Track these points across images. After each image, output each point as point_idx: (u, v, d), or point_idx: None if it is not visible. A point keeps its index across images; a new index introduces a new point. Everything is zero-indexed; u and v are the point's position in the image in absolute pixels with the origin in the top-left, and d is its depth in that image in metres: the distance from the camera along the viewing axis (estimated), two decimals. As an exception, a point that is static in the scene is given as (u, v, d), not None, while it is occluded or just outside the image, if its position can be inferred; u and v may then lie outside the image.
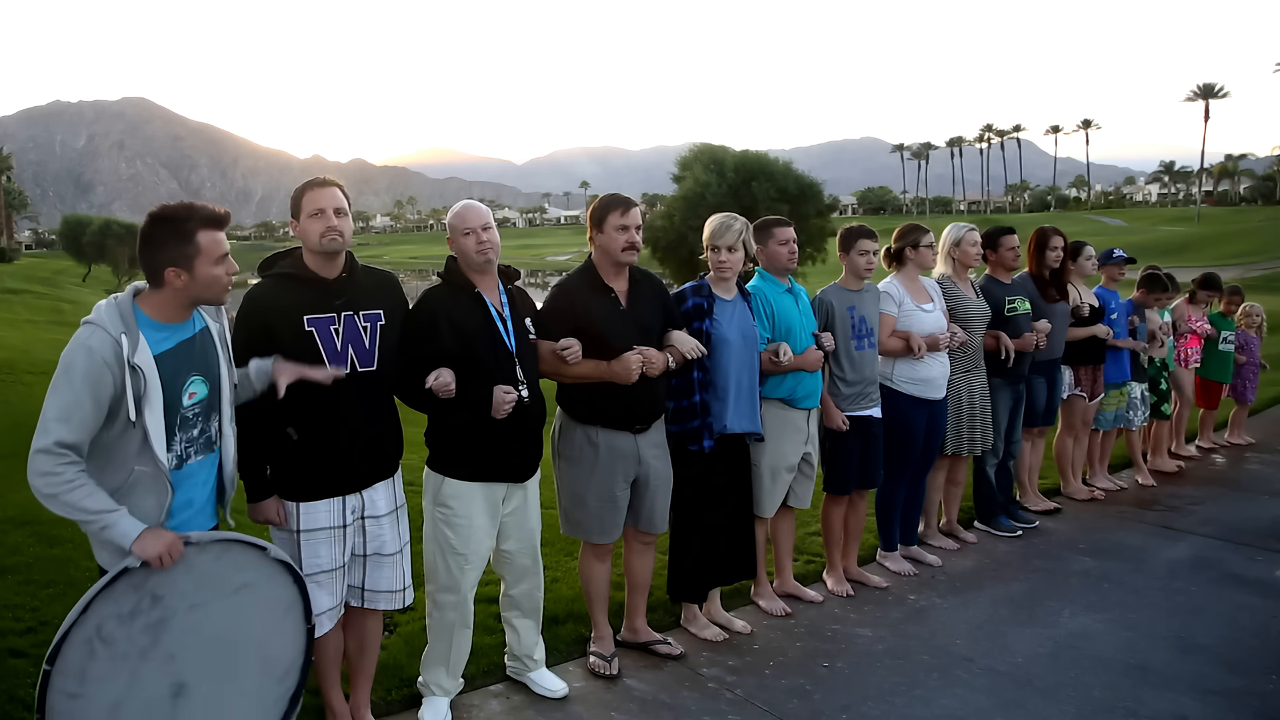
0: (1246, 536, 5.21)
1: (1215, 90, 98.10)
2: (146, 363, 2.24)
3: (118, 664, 2.22)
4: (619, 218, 3.30)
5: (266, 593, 2.48)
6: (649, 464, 3.43)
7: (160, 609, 2.28)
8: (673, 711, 3.23)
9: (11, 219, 71.34)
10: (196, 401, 2.39)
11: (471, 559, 3.07)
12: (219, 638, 2.39)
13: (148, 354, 2.26)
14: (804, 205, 27.37)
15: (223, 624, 2.39)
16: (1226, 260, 44.00)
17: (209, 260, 2.31)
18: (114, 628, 2.21)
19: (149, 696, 2.27)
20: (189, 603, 2.32)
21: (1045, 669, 3.57)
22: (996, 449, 5.16)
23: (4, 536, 5.00)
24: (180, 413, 2.35)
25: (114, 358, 2.20)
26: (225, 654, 2.41)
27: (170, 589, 2.29)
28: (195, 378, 2.39)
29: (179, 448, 2.36)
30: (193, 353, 2.40)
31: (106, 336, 2.21)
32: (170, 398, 2.30)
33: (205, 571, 2.36)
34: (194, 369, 2.39)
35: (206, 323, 2.48)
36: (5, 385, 10.84)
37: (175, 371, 2.33)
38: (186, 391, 2.36)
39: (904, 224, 4.65)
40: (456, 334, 2.96)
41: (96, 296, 18.67)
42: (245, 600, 2.44)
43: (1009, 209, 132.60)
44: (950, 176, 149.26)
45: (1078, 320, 5.61)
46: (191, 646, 2.33)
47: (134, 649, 2.24)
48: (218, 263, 2.34)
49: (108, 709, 2.21)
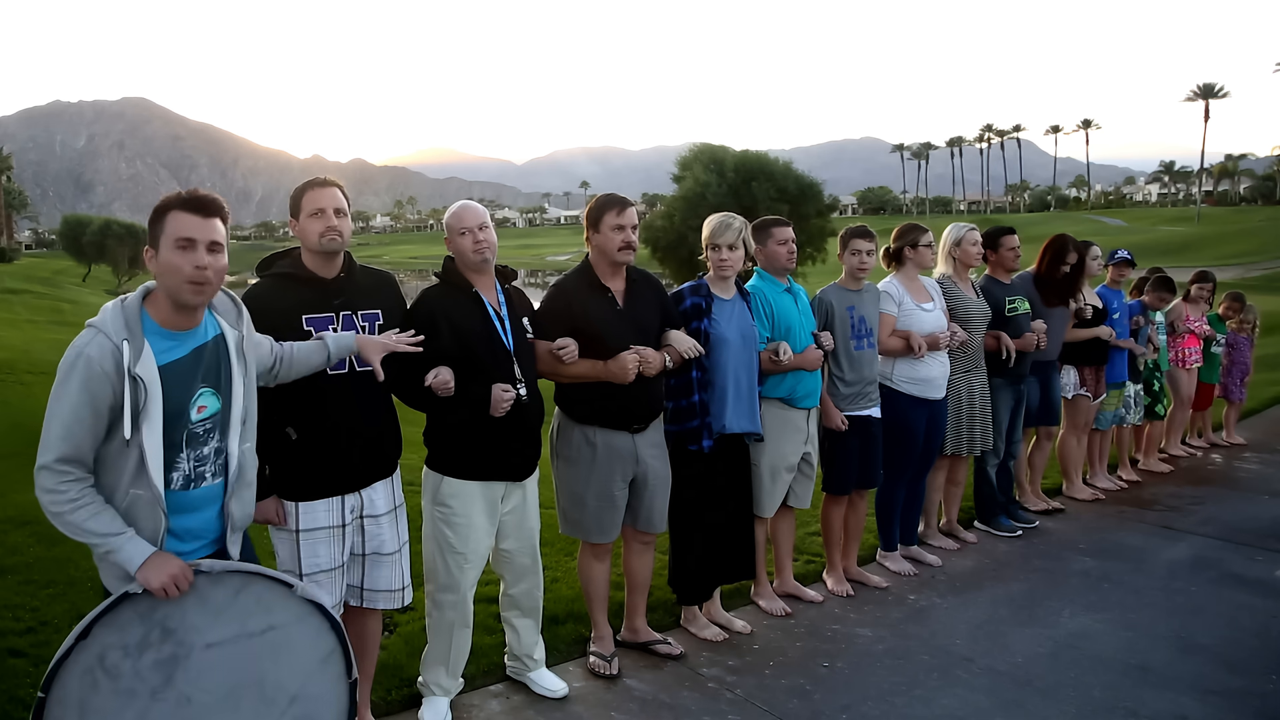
0: (1246, 536, 5.21)
1: (1215, 90, 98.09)
2: (149, 373, 2.06)
3: (123, 700, 2.03)
4: (615, 217, 3.31)
5: (299, 638, 2.23)
6: (647, 464, 3.43)
7: (172, 644, 2.08)
8: (673, 711, 3.23)
9: (11, 219, 71.34)
10: (208, 416, 2.19)
11: (471, 558, 3.07)
12: (243, 685, 2.16)
13: (152, 364, 2.07)
14: (804, 205, 27.38)
15: (247, 670, 2.16)
16: (1226, 260, 43.99)
17: (169, 243, 2.08)
18: (119, 659, 2.03)
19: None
20: (205, 640, 2.12)
21: (1045, 669, 3.57)
22: (997, 449, 5.15)
23: (4, 536, 5.00)
24: (188, 428, 2.15)
25: (113, 366, 2.03)
26: (251, 706, 2.16)
27: (180, 622, 2.09)
28: (206, 390, 2.19)
29: (187, 466, 2.16)
30: (203, 363, 2.20)
31: (107, 343, 2.04)
32: (175, 411, 2.12)
33: (220, 606, 2.15)
34: (205, 380, 2.19)
35: (222, 329, 2.26)
36: (5, 385, 10.84)
37: (183, 383, 2.14)
38: (195, 405, 2.16)
39: (903, 224, 4.65)
40: (454, 333, 2.97)
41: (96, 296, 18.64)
42: (272, 644, 2.20)
43: (1009, 209, 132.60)
44: (950, 176, 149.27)
45: (1081, 321, 5.61)
46: (211, 691, 2.11)
47: (143, 686, 2.04)
48: (179, 248, 2.08)
49: None
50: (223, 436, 2.23)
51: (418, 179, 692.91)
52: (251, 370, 2.33)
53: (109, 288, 45.31)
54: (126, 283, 49.46)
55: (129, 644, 2.05)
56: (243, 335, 2.31)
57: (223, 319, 2.28)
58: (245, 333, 2.32)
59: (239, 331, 2.30)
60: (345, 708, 2.30)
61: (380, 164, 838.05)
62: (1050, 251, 5.39)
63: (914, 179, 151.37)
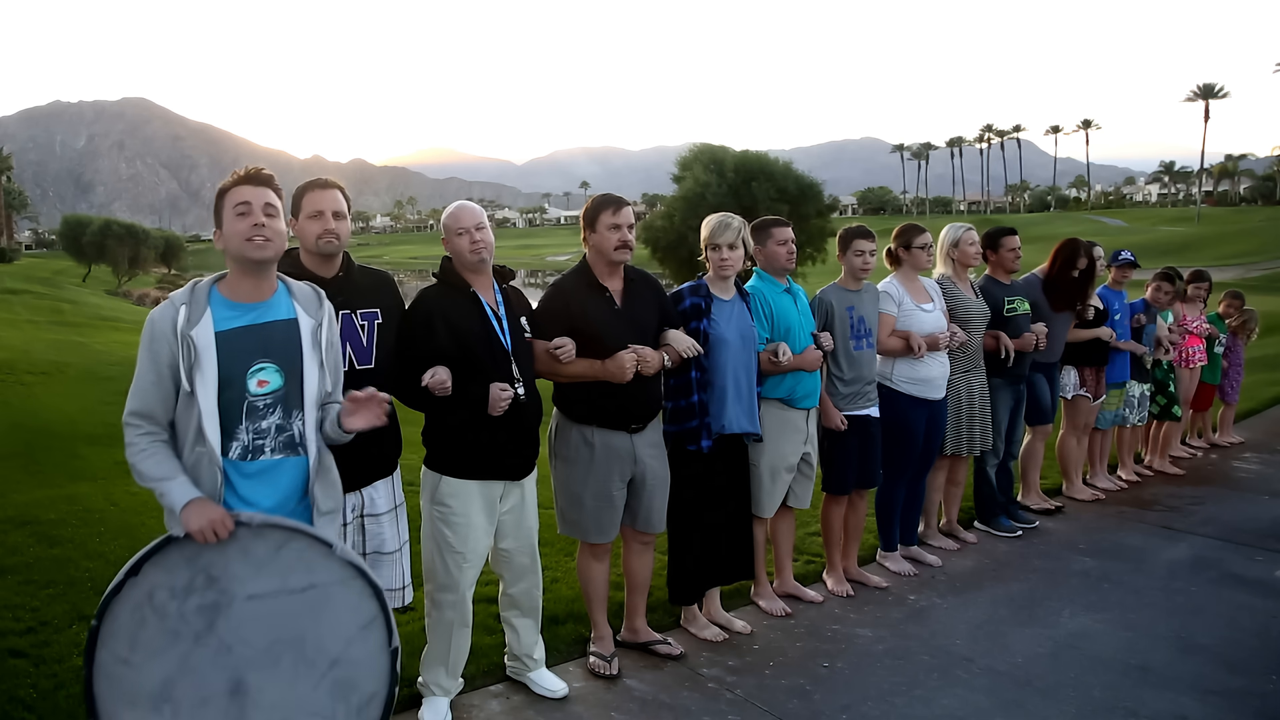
0: (1246, 536, 5.21)
1: (1215, 90, 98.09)
2: (203, 337, 2.22)
3: (169, 640, 2.13)
4: (611, 217, 3.31)
5: (340, 599, 2.26)
6: (645, 464, 3.43)
7: (215, 591, 2.17)
8: (673, 711, 3.23)
9: (11, 219, 71.36)
10: (269, 391, 2.29)
11: (470, 557, 3.07)
12: (284, 642, 2.21)
13: (208, 329, 2.23)
14: (804, 205, 27.36)
15: (287, 626, 2.21)
16: (1226, 260, 44.00)
17: (230, 212, 2.29)
18: (165, 599, 2.14)
19: (205, 688, 2.15)
20: (247, 591, 2.19)
21: (1045, 669, 3.57)
22: (997, 449, 5.16)
23: (4, 536, 5.00)
24: (247, 399, 2.26)
25: (171, 328, 2.21)
26: (291, 662, 2.21)
27: (224, 571, 2.18)
28: (267, 365, 2.29)
29: (246, 438, 2.27)
30: (266, 338, 2.31)
31: (170, 307, 2.25)
32: (230, 378, 2.23)
33: (262, 560, 2.21)
34: (266, 355, 2.29)
35: (297, 314, 2.38)
36: (5, 385, 10.83)
37: (240, 352, 2.26)
38: (255, 377, 2.27)
39: (902, 224, 4.66)
40: (452, 333, 2.97)
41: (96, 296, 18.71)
42: (313, 603, 2.23)
43: (1009, 209, 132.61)
44: (950, 177, 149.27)
45: (1082, 322, 5.61)
46: (251, 643, 2.18)
47: (187, 629, 2.14)
48: (238, 214, 2.27)
49: (159, 685, 2.11)
50: (286, 415, 2.32)
51: (418, 179, 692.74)
52: (329, 359, 2.43)
53: (109, 288, 45.31)
54: (126, 283, 49.46)
55: (175, 586, 2.16)
56: (319, 324, 2.41)
57: (300, 305, 2.40)
58: (322, 322, 2.42)
59: (315, 320, 2.41)
60: (387, 676, 2.30)
61: (380, 164, 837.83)
62: (1061, 256, 5.37)
63: (914, 179, 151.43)
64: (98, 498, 6.07)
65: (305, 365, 2.36)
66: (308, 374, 2.36)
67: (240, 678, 2.17)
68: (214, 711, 2.15)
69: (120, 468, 7.16)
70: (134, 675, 2.12)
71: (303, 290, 2.45)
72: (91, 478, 6.85)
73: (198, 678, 2.15)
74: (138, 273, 52.27)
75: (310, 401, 2.36)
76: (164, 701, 2.13)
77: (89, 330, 19.95)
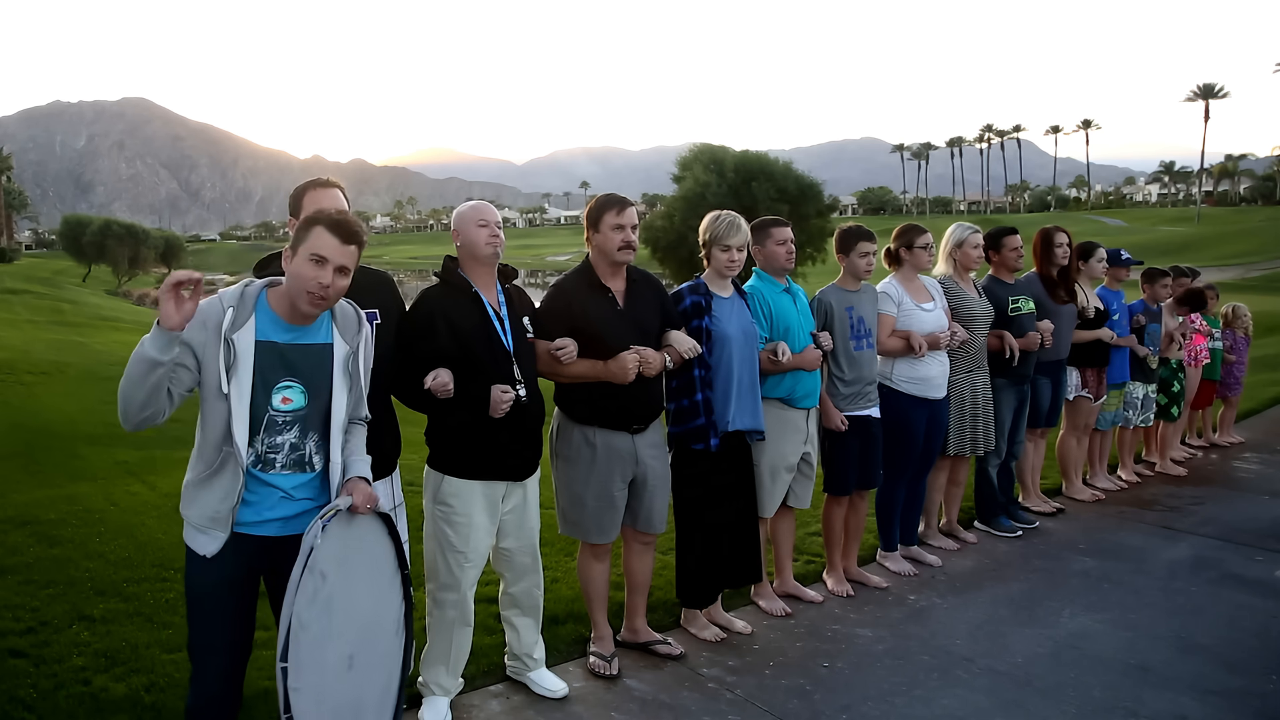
0: (1246, 536, 5.21)
1: (1215, 90, 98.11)
2: (244, 342, 2.23)
3: (314, 650, 2.24)
4: (614, 217, 3.31)
5: (372, 548, 2.41)
6: (647, 464, 3.43)
7: (327, 586, 2.26)
8: (673, 711, 3.23)
9: (11, 219, 71.34)
10: (290, 410, 2.31)
11: (471, 557, 3.07)
12: (359, 602, 2.37)
13: (249, 336, 2.24)
14: (804, 205, 27.38)
15: (360, 588, 2.37)
16: (1226, 260, 44.02)
17: (306, 253, 2.25)
18: (304, 609, 2.22)
19: (332, 672, 2.29)
20: (338, 573, 2.31)
21: (1045, 669, 3.57)
22: (999, 449, 5.15)
23: (4, 536, 5.00)
24: (269, 413, 2.28)
25: (214, 323, 2.22)
26: (368, 619, 2.39)
27: (327, 562, 2.27)
28: (294, 384, 2.31)
29: (259, 447, 2.29)
30: (299, 359, 2.32)
31: (218, 304, 2.25)
32: (258, 388, 2.26)
33: (337, 535, 2.31)
34: (294, 374, 2.31)
35: (334, 340, 2.39)
36: (5, 385, 10.84)
37: (272, 366, 2.28)
38: (279, 394, 2.29)
39: (902, 224, 4.65)
40: (454, 334, 2.97)
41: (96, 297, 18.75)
42: (364, 559, 2.39)
43: (1009, 209, 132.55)
44: (950, 177, 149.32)
45: (1083, 322, 5.61)
46: (349, 615, 2.33)
47: (321, 631, 2.25)
48: (313, 261, 2.24)
49: (314, 697, 2.23)
50: (303, 434, 2.34)
51: (418, 179, 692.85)
52: (358, 386, 2.45)
53: (109, 288, 45.34)
54: (126, 283, 49.46)
55: (309, 596, 2.24)
56: (353, 351, 2.42)
57: (339, 329, 2.41)
58: (358, 349, 2.43)
59: (350, 347, 2.42)
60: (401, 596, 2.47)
61: (380, 164, 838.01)
62: (1040, 246, 5.40)
63: (914, 179, 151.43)
64: (98, 498, 6.07)
65: (335, 391, 2.38)
66: (335, 399, 2.38)
67: (351, 652, 2.32)
68: (340, 689, 2.30)
69: (120, 468, 7.18)
70: (302, 700, 2.20)
71: (345, 313, 2.44)
72: (91, 478, 6.85)
73: (328, 667, 2.27)
74: (138, 273, 52.29)
75: (336, 425, 2.38)
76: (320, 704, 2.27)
77: (89, 330, 19.97)
